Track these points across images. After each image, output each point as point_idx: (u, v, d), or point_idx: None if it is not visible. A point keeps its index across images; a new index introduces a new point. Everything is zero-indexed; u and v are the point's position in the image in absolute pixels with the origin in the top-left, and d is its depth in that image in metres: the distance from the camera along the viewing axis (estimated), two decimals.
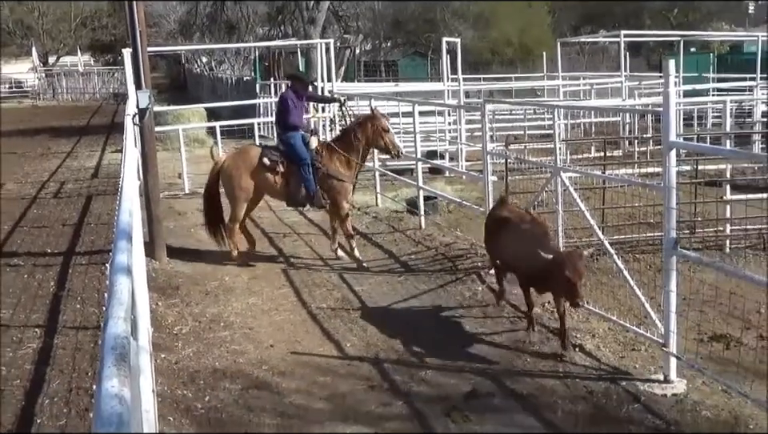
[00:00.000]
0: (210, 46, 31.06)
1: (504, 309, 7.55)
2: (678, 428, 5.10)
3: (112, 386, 2.05)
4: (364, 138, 9.21)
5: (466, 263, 9.02)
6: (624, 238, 9.23)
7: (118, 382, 2.07)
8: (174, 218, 11.80)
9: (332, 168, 9.18)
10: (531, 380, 5.96)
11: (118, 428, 1.83)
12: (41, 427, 5.29)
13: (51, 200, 14.22)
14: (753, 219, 9.47)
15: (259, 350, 6.74)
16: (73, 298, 8.08)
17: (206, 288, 8.51)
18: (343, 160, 9.23)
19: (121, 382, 2.08)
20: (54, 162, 19.28)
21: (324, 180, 9.17)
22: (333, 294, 8.29)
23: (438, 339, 6.89)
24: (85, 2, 59.87)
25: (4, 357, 6.56)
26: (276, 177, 9.19)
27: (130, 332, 2.80)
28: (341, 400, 5.72)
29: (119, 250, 3.62)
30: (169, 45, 31.32)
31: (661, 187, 6.03)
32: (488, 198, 8.85)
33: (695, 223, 10.01)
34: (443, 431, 5.21)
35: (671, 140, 5.82)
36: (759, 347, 6.62)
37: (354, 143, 9.23)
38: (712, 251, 9.32)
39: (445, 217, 11.59)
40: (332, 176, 9.16)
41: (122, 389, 2.04)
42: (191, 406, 5.64)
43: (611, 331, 6.88)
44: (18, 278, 8.94)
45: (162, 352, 6.51)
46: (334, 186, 9.18)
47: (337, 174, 9.16)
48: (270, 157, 9.17)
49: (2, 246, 10.58)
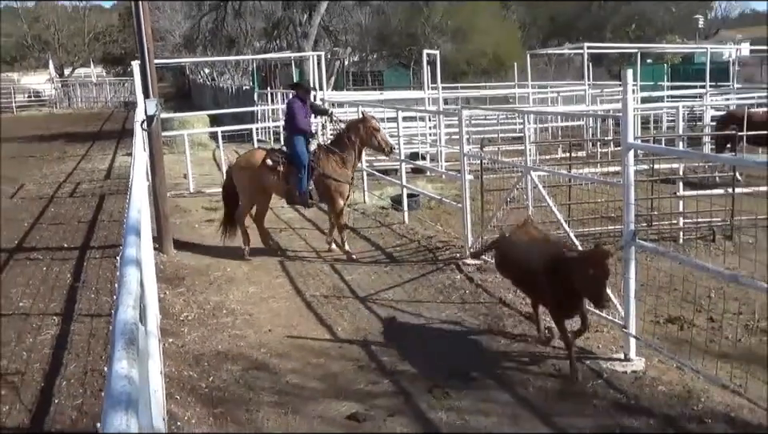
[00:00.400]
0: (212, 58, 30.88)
1: (481, 295, 7.56)
2: (637, 402, 5.13)
3: (122, 367, 2.04)
4: (358, 139, 9.18)
5: (445, 254, 9.03)
6: (588, 231, 9.26)
7: (127, 364, 2.07)
8: (180, 215, 11.75)
9: (328, 169, 9.16)
10: (505, 360, 5.98)
11: (127, 405, 1.83)
12: (58, 406, 5.27)
13: (67, 199, 14.16)
14: (703, 212, 9.53)
15: (258, 334, 6.73)
16: (87, 288, 8.06)
17: (210, 278, 8.48)
18: (339, 161, 9.21)
19: (129, 364, 2.07)
20: (70, 165, 19.19)
21: (321, 181, 9.16)
22: (325, 283, 8.28)
23: (420, 323, 6.90)
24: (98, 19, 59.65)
25: (25, 342, 6.54)
26: (276, 176, 9.21)
27: (140, 319, 2.78)
28: (333, 379, 5.72)
29: (129, 244, 3.60)
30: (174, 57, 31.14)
31: (620, 185, 6.05)
32: (465, 195, 8.83)
33: (651, 216, 10.07)
34: (426, 406, 5.22)
35: (629, 142, 5.84)
36: (709, 328, 6.67)
37: (349, 144, 9.21)
38: (667, 242, 9.37)
39: (426, 212, 11.60)
40: (329, 177, 9.14)
41: (130, 370, 2.03)
42: (196, 385, 5.63)
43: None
44: (37, 270, 8.91)
45: (169, 337, 6.49)
46: (331, 185, 9.16)
47: (333, 174, 9.14)
48: (272, 158, 9.23)
49: (22, 241, 10.53)
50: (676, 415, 4.89)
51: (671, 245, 9.19)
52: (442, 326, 6.81)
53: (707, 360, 5.66)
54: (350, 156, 9.24)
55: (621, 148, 5.99)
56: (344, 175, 9.23)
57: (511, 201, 8.62)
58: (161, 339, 5.70)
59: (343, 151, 9.22)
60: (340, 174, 9.18)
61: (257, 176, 9.27)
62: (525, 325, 6.68)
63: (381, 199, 12.62)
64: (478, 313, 7.08)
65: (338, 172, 9.18)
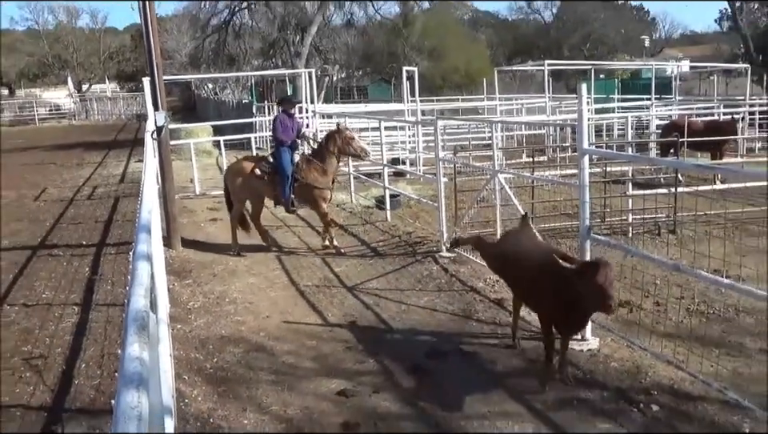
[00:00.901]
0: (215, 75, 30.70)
1: (454, 284, 7.57)
2: (592, 376, 5.16)
3: (134, 350, 2.03)
4: (336, 148, 9.13)
5: (423, 248, 9.04)
6: (549, 226, 9.30)
7: (139, 347, 2.06)
8: (187, 215, 11.68)
9: (310, 178, 9.10)
10: (477, 341, 5.99)
11: (139, 383, 1.81)
12: (78, 386, 5.23)
13: (85, 201, 14.03)
14: (649, 209, 9.59)
15: (258, 320, 6.70)
16: (104, 281, 8.00)
17: (214, 271, 8.44)
18: (320, 170, 9.13)
19: (141, 347, 2.06)
20: (88, 171, 19.01)
21: (304, 189, 9.12)
22: (317, 274, 8.26)
23: (401, 309, 6.90)
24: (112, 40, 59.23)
25: (47, 329, 6.48)
26: (265, 183, 9.19)
27: (150, 307, 2.76)
28: (324, 360, 5.71)
29: (140, 241, 3.58)
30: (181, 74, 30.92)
31: (577, 185, 6.08)
32: (440, 195, 8.84)
33: (604, 213, 10.13)
34: (406, 383, 5.22)
35: (584, 148, 5.86)
36: (655, 311, 6.72)
37: (327, 154, 9.14)
38: (618, 236, 9.42)
39: (406, 211, 11.59)
40: (311, 185, 9.09)
41: (141, 353, 2.02)
42: (202, 366, 5.60)
43: None
44: (58, 265, 8.83)
45: (178, 323, 6.45)
46: (313, 192, 9.12)
47: (315, 183, 9.09)
48: (260, 168, 9.19)
49: (45, 239, 10.43)
50: (626, 388, 4.93)
51: (622, 238, 9.24)
52: (421, 311, 6.81)
53: (654, 339, 5.72)
54: (329, 165, 9.15)
55: (577, 153, 6.01)
56: (325, 183, 9.16)
57: (481, 200, 8.64)
58: (170, 325, 5.67)
59: (323, 161, 9.13)
60: (321, 182, 9.12)
61: (247, 182, 9.25)
62: (493, 310, 6.70)
63: (366, 200, 12.62)
64: (452, 300, 7.09)
65: (319, 180, 9.11)
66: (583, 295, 4.58)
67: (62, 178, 17.72)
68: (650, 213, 9.71)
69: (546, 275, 4.85)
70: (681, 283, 6.95)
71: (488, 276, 7.64)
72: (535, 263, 5.04)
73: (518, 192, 8.76)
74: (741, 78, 30.10)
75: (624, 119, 16.80)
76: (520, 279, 5.39)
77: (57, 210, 12.88)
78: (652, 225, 9.79)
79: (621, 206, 10.01)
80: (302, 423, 4.65)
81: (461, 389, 5.09)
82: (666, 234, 9.49)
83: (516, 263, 5.31)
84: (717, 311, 6.69)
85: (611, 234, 9.44)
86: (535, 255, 5.15)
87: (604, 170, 10.67)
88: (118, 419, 1.67)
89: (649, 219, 9.83)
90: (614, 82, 36.14)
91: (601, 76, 36.34)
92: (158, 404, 2.64)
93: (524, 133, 20.31)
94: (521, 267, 5.24)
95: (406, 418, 4.70)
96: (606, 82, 36.01)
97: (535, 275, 5.00)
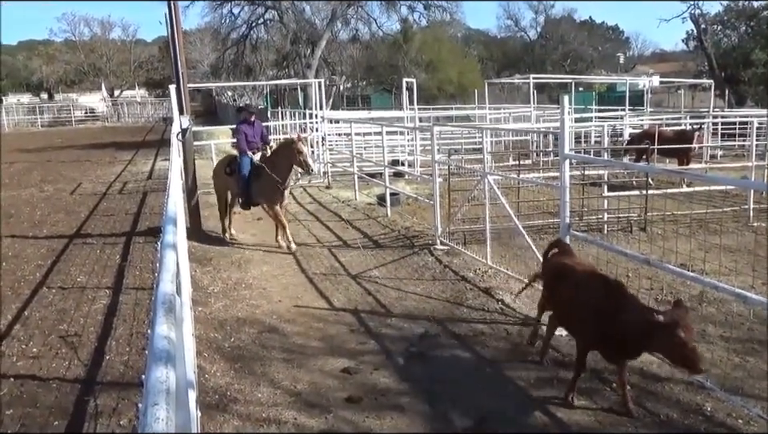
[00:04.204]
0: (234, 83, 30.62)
1: (448, 274, 7.56)
2: (571, 359, 5.15)
3: (162, 330, 2.02)
4: (285, 159, 8.74)
5: (420, 241, 9.03)
6: (533, 223, 9.29)
7: (167, 327, 2.04)
8: (208, 209, 11.64)
9: (264, 183, 8.88)
10: (467, 325, 5.99)
11: (167, 359, 1.80)
12: (109, 361, 5.22)
13: (117, 195, 14.01)
14: (623, 209, 9.58)
15: (271, 304, 6.70)
16: (133, 267, 7.99)
17: (232, 259, 8.43)
18: (272, 176, 8.79)
19: (168, 327, 2.05)
20: (119, 168, 18.98)
21: (261, 189, 8.93)
22: (324, 263, 8.25)
23: (399, 295, 6.90)
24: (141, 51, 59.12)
25: (82, 310, 6.47)
26: (231, 181, 9.23)
27: (176, 291, 2.75)
28: (330, 340, 5.71)
29: (167, 231, 3.57)
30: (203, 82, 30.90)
31: (558, 187, 6.07)
32: (435, 194, 8.82)
33: (582, 212, 10.10)
34: (404, 362, 5.22)
35: (565, 153, 5.85)
36: None
37: (277, 162, 8.81)
38: (594, 233, 9.41)
39: (405, 208, 11.58)
40: (264, 189, 8.90)
41: (169, 332, 2.01)
42: (221, 345, 5.60)
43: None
44: (92, 252, 8.82)
45: (199, 306, 6.44)
46: (266, 195, 8.94)
47: (267, 187, 8.86)
48: (231, 167, 9.24)
49: (80, 229, 10.42)
50: (601, 369, 4.92)
51: (598, 235, 9.24)
52: (417, 297, 6.80)
53: None
54: (280, 172, 8.74)
55: (559, 158, 6.01)
56: (275, 188, 8.80)
57: (472, 199, 8.63)
58: (192, 307, 5.66)
59: (274, 168, 8.77)
60: (272, 188, 8.81)
61: (220, 180, 9.46)
62: (482, 298, 6.69)
63: (368, 197, 12.61)
64: (445, 288, 7.08)
65: (270, 186, 8.81)
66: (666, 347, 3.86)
67: (96, 174, 17.69)
68: (624, 212, 9.70)
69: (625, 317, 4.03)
70: (650, 275, 6.94)
71: (478, 267, 7.64)
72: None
73: (505, 192, 8.73)
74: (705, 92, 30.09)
75: (601, 128, 16.77)
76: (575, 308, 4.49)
77: (91, 203, 12.86)
78: (625, 223, 9.78)
79: (597, 205, 10.00)
80: (310, 397, 4.65)
81: (453, 367, 5.09)
82: (637, 231, 9.47)
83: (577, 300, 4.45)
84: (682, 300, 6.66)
85: (588, 231, 9.42)
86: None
87: (582, 174, 10.66)
88: (149, 392, 1.66)
89: (622, 217, 9.82)
90: (592, 95, 36.04)
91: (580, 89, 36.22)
92: (183, 379, 2.64)
93: (511, 139, 20.27)
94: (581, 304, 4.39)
95: (404, 393, 4.70)
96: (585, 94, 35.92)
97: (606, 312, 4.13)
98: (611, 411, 4.37)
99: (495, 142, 19.97)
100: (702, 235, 8.18)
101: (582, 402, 4.49)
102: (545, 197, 9.84)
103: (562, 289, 4.65)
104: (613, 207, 9.75)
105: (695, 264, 6.36)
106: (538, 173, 12.41)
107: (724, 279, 5.91)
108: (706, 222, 9.27)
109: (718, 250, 7.26)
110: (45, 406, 4.59)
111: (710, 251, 7.15)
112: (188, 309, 4.43)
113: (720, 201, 11.02)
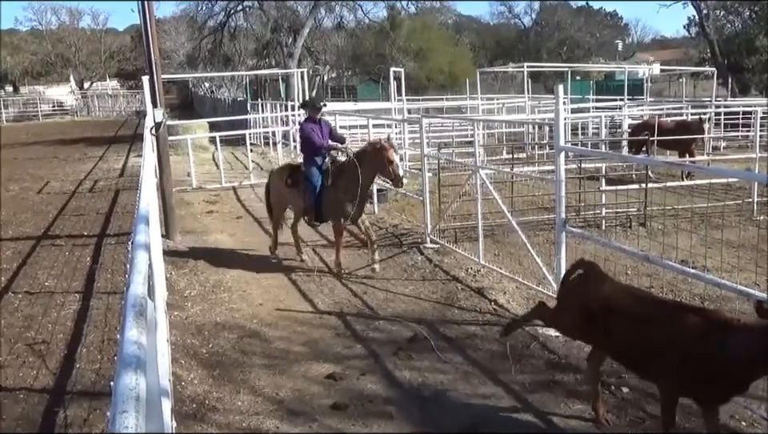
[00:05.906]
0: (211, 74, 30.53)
1: (438, 274, 7.58)
2: (566, 360, 5.19)
3: (132, 334, 2.01)
4: (369, 167, 7.58)
5: (408, 240, 9.04)
6: (527, 219, 9.33)
7: (137, 331, 2.04)
8: (184, 207, 11.61)
9: (337, 192, 7.75)
10: (458, 327, 6.01)
11: (137, 365, 1.80)
12: (79, 369, 5.19)
13: (87, 194, 13.92)
14: (621, 204, 9.66)
15: (251, 307, 6.68)
16: (104, 270, 7.94)
17: (210, 260, 8.39)
18: (344, 186, 7.70)
19: (139, 331, 2.04)
20: (89, 165, 18.84)
21: (329, 201, 7.81)
22: (307, 263, 8.24)
23: (387, 296, 6.90)
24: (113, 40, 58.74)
25: (50, 316, 6.43)
26: (293, 194, 8.12)
27: (148, 294, 2.74)
28: (314, 345, 5.70)
29: (139, 231, 3.55)
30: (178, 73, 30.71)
31: (554, 181, 6.10)
32: (425, 190, 8.82)
33: (579, 207, 10.16)
34: (392, 366, 5.23)
35: (561, 145, 5.89)
36: None
37: (357, 170, 7.53)
38: (592, 228, 9.48)
39: (393, 204, 11.59)
40: (335, 198, 7.75)
41: (140, 337, 2.00)
42: (198, 351, 5.58)
43: (518, 289, 6.96)
44: (61, 255, 8.75)
45: (175, 310, 6.42)
46: (336, 206, 7.81)
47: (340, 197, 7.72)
48: (292, 178, 8.10)
49: (47, 229, 10.34)
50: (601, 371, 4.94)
51: (595, 231, 9.30)
52: (406, 298, 6.82)
53: None
54: (358, 180, 7.55)
55: (554, 150, 6.04)
56: (353, 203, 7.69)
57: (464, 194, 8.66)
58: (167, 311, 5.64)
59: (355, 178, 7.56)
60: (350, 202, 7.69)
61: (279, 191, 8.35)
62: (475, 298, 6.72)
63: None
64: (436, 288, 7.10)
65: (348, 199, 7.68)
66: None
67: (65, 171, 17.54)
68: (622, 207, 9.78)
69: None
70: (650, 272, 7.00)
71: (470, 266, 7.66)
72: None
73: (498, 187, 8.77)
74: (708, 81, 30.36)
75: (598, 119, 16.85)
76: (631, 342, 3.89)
77: (59, 202, 12.76)
78: (624, 218, 9.85)
79: (595, 200, 10.06)
80: (294, 405, 4.65)
81: (443, 372, 5.10)
82: (636, 227, 9.55)
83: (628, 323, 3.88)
84: (683, 299, 6.74)
85: (585, 226, 9.49)
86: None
87: (579, 167, 10.71)
88: (117, 399, 1.65)
89: (621, 212, 9.89)
90: (589, 84, 36.27)
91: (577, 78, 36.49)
92: (155, 386, 2.63)
93: (504, 131, 20.35)
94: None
95: (392, 399, 4.71)
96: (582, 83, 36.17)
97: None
98: (610, 411, 4.40)
99: (488, 135, 20.04)
100: (704, 229, 8.26)
101: (578, 406, 4.52)
102: (540, 192, 9.90)
103: (621, 324, 3.90)
104: (611, 202, 9.82)
105: (697, 260, 6.43)
106: (533, 166, 12.46)
107: (727, 275, 5.98)
108: (708, 216, 9.35)
109: (720, 245, 7.33)
110: (11, 418, 4.55)
111: (712, 246, 7.22)
112: (162, 313, 4.41)
113: (722, 194, 11.13)
